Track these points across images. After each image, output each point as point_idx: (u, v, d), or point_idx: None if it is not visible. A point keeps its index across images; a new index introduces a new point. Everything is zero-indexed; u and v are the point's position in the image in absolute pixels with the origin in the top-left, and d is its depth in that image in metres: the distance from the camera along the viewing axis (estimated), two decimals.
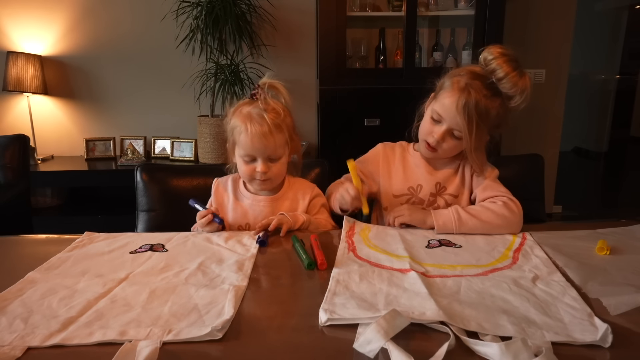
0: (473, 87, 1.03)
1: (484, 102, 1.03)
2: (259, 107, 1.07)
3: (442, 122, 1.08)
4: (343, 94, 2.49)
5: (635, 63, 5.19)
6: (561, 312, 0.65)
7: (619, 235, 0.97)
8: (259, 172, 1.08)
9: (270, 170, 1.09)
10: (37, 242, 1.02)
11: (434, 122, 1.10)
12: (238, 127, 1.07)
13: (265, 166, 1.08)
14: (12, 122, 2.86)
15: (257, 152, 1.07)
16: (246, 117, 1.07)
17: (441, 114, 1.07)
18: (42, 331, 0.62)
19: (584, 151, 5.56)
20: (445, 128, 1.07)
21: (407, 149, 1.23)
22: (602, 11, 5.38)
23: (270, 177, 1.10)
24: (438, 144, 1.09)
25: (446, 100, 1.06)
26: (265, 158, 1.08)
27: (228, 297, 0.70)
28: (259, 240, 0.95)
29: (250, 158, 1.08)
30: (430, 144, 1.10)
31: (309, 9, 2.78)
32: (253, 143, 1.05)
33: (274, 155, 1.08)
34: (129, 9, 2.78)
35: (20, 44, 2.78)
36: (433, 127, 1.10)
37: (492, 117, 1.05)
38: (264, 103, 1.08)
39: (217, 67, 2.56)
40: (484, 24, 2.46)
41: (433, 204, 1.15)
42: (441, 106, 1.07)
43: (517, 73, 1.03)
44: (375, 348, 0.56)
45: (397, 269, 0.81)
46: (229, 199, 1.16)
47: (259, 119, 1.05)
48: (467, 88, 1.03)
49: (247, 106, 1.09)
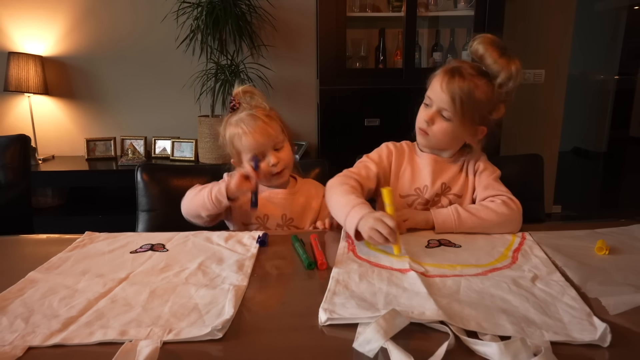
0: (458, 69, 1.06)
1: (469, 80, 1.04)
2: (244, 110, 1.15)
3: (431, 105, 1.10)
4: (343, 94, 2.49)
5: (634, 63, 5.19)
6: (560, 311, 0.65)
7: (618, 235, 0.97)
8: (272, 164, 1.13)
9: (281, 158, 1.15)
10: (37, 242, 1.02)
11: (425, 107, 1.12)
12: (236, 134, 1.14)
13: (276, 157, 1.14)
14: (13, 122, 2.86)
15: (263, 147, 1.13)
16: (238, 122, 1.14)
17: (430, 97, 1.10)
18: (43, 331, 0.62)
19: (583, 151, 5.56)
20: (434, 109, 1.09)
21: (414, 149, 1.21)
22: (601, 11, 5.38)
23: (285, 165, 1.16)
24: (428, 126, 1.09)
25: (434, 84, 1.09)
26: (272, 148, 1.14)
27: (228, 296, 0.70)
28: (259, 240, 0.96)
29: (255, 154, 1.13)
30: (422, 128, 1.11)
31: (309, 9, 2.78)
32: (256, 139, 1.11)
33: (278, 143, 1.15)
34: (129, 10, 2.78)
35: (22, 44, 2.78)
36: (424, 112, 1.12)
37: (480, 97, 1.05)
38: (248, 106, 1.15)
39: (218, 67, 2.57)
40: (483, 24, 2.46)
41: (437, 203, 1.15)
42: (430, 90, 1.10)
43: (505, 57, 1.05)
44: (375, 347, 0.56)
45: (396, 268, 0.81)
46: None
47: (251, 118, 1.13)
48: (452, 69, 1.07)
49: (233, 116, 1.17)
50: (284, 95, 2.86)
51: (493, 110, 1.09)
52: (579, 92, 5.16)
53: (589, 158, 5.42)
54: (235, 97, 1.17)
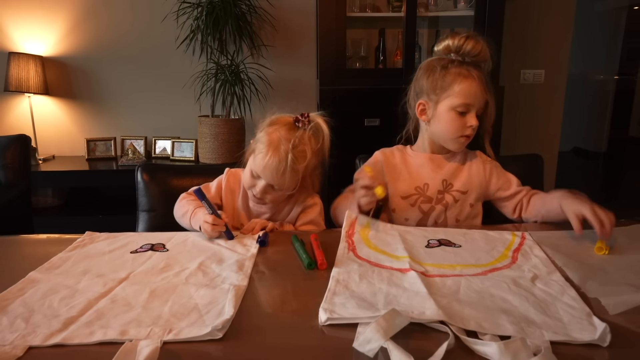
0: (466, 66, 1.12)
1: (473, 67, 1.12)
2: (290, 141, 1.03)
3: (470, 110, 1.12)
4: (343, 94, 2.49)
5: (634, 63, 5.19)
6: (560, 311, 0.65)
7: (618, 235, 0.97)
8: (257, 190, 1.07)
9: (267, 196, 1.08)
10: (38, 242, 1.02)
11: (460, 115, 1.12)
12: (261, 146, 1.05)
13: (265, 191, 1.07)
14: (14, 122, 2.86)
15: (264, 179, 1.06)
16: (273, 144, 1.03)
17: (469, 103, 1.11)
18: (43, 330, 0.62)
19: (583, 151, 5.56)
20: (474, 112, 1.12)
21: (406, 151, 1.23)
22: (601, 12, 5.38)
23: (265, 202, 1.11)
24: (474, 129, 1.13)
25: (465, 88, 1.10)
26: (269, 185, 1.06)
27: (228, 296, 0.70)
28: (259, 240, 0.96)
29: (256, 175, 1.07)
30: (469, 135, 1.14)
31: (309, 9, 2.78)
32: (264, 171, 1.04)
33: (278, 187, 1.07)
34: (129, 10, 2.78)
35: (22, 44, 2.78)
36: (463, 119, 1.12)
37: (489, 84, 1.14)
38: (298, 139, 1.04)
39: (218, 67, 2.57)
40: (483, 24, 2.46)
41: (441, 201, 1.16)
42: (463, 97, 1.10)
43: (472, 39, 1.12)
44: (375, 347, 0.56)
45: (396, 268, 0.81)
46: (240, 194, 1.17)
47: (281, 155, 1.02)
48: (461, 71, 1.11)
49: (283, 129, 1.06)
50: (284, 95, 2.86)
51: None
52: (579, 92, 5.16)
53: (589, 158, 5.41)
54: (308, 117, 1.07)
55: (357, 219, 1.06)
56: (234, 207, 1.17)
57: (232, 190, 1.18)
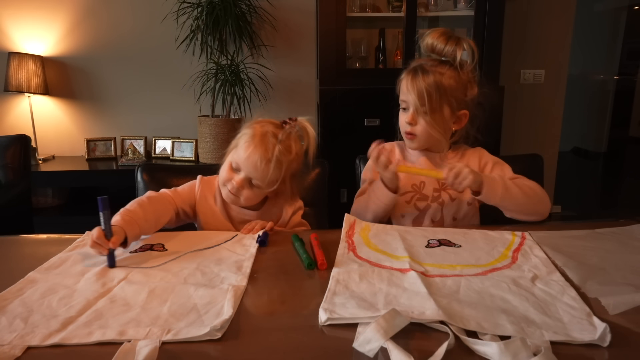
0: (420, 66, 1.11)
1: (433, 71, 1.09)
2: (277, 137, 1.02)
3: (408, 108, 1.13)
4: (343, 94, 2.49)
5: (634, 63, 5.19)
6: (560, 311, 0.65)
7: (618, 235, 0.97)
8: (233, 183, 1.04)
9: (243, 192, 1.04)
10: (37, 242, 1.02)
11: (403, 111, 1.15)
12: (246, 137, 1.04)
13: (241, 184, 1.03)
14: (14, 122, 2.86)
15: (245, 170, 1.03)
16: (258, 135, 1.02)
17: (403, 100, 1.13)
18: (42, 330, 0.62)
19: (583, 151, 5.56)
20: (411, 111, 1.12)
21: (405, 148, 1.23)
22: (601, 12, 5.38)
23: (239, 197, 1.06)
24: (412, 128, 1.13)
25: (402, 87, 1.13)
26: (247, 178, 1.03)
27: (227, 296, 0.70)
28: (259, 240, 0.95)
29: (236, 167, 1.05)
30: (407, 132, 1.14)
31: (309, 9, 2.78)
32: (247, 161, 1.02)
33: (258, 182, 1.04)
34: (129, 10, 2.78)
35: (22, 44, 2.78)
36: (403, 116, 1.15)
37: (449, 83, 1.09)
38: (285, 135, 1.03)
39: (218, 67, 2.57)
40: (483, 24, 2.46)
41: (437, 199, 1.16)
42: (401, 94, 1.13)
43: (453, 39, 1.10)
44: (375, 347, 0.56)
45: (396, 268, 0.81)
46: (217, 203, 1.12)
47: (268, 145, 1.01)
48: (414, 68, 1.12)
49: (270, 125, 1.06)
50: (284, 95, 2.86)
51: (467, 91, 1.13)
52: (579, 92, 5.16)
53: (589, 158, 5.41)
54: (294, 120, 1.06)
55: (356, 221, 1.06)
56: (213, 215, 1.12)
57: (206, 199, 1.13)
